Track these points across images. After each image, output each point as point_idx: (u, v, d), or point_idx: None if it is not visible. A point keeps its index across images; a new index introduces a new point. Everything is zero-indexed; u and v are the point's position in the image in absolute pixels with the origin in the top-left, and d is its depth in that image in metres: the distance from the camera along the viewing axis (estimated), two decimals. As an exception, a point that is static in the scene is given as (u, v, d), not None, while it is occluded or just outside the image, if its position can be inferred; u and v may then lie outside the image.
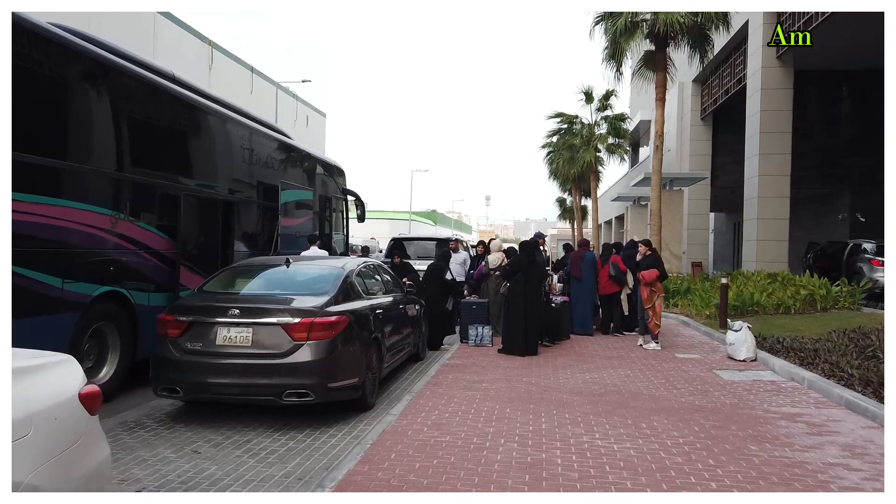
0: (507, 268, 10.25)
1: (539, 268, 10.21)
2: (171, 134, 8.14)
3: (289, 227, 11.23)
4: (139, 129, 7.50)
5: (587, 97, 31.71)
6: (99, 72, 6.86)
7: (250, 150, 10.16)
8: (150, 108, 7.72)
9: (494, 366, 8.84)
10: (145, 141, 7.58)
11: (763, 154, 20.14)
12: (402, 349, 8.55)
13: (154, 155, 7.73)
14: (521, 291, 9.78)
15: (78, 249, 6.43)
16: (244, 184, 9.97)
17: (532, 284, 9.88)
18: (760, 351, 9.49)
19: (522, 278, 9.84)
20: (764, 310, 13.93)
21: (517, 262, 10.04)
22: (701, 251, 28.85)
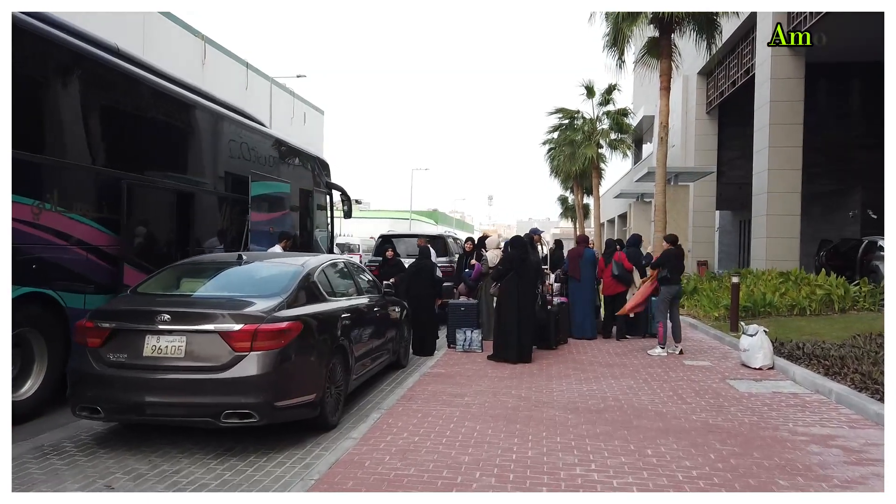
0: (499, 267, 9.30)
1: (533, 266, 9.26)
2: (107, 114, 7.16)
3: (261, 222, 10.30)
4: (67, 105, 6.56)
5: (588, 91, 30.74)
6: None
7: (214, 137, 9.23)
8: (84, 83, 6.77)
9: (481, 375, 7.91)
10: (74, 121, 6.64)
11: (773, 147, 19.17)
12: (377, 357, 7.62)
13: (85, 136, 6.78)
14: (514, 293, 8.85)
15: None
16: (207, 173, 9.04)
17: (525, 285, 8.93)
18: (778, 358, 8.55)
19: (515, 278, 8.90)
20: (777, 311, 12.98)
21: (509, 261, 9.09)
22: (706, 250, 27.87)
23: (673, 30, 16.35)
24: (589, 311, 11.06)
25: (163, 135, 8.11)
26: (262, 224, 10.38)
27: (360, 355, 6.85)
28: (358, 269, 7.94)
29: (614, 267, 10.99)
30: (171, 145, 8.26)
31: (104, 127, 7.08)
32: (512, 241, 9.70)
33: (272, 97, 44.15)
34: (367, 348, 7.15)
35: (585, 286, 11.02)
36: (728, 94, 24.87)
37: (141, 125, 7.71)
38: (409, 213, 72.91)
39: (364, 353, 7.02)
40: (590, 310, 11.07)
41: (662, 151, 16.48)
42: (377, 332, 7.66)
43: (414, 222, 72.94)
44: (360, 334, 6.91)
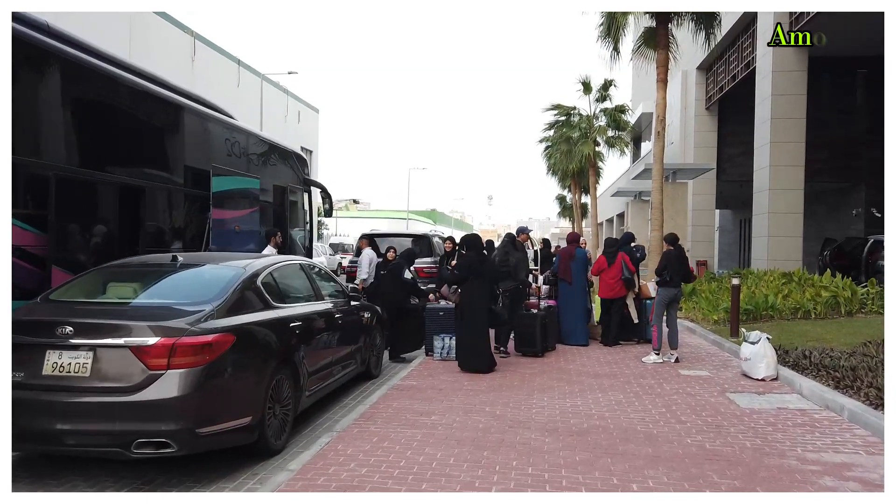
0: (457, 272, 8.59)
1: (490, 269, 8.65)
2: (29, 98, 6.37)
3: (224, 219, 9.56)
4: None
5: (585, 87, 30.05)
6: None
7: (167, 127, 8.48)
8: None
9: (456, 389, 7.16)
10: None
11: (774, 142, 18.42)
12: (341, 369, 6.89)
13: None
14: (474, 298, 8.21)
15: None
16: (158, 166, 8.28)
17: (481, 289, 8.28)
18: (783, 368, 7.81)
19: (474, 283, 8.24)
20: (780, 314, 12.23)
21: (467, 265, 8.38)
22: (706, 249, 27.11)
23: (670, 19, 15.62)
24: (580, 315, 10.31)
25: (102, 123, 7.33)
26: (227, 222, 9.64)
27: (317, 369, 6.12)
28: (319, 272, 7.19)
29: (624, 270, 10.14)
30: (112, 134, 7.49)
31: (26, 113, 6.30)
32: (467, 242, 8.94)
33: (266, 95, 43.42)
34: (326, 360, 6.42)
35: (576, 289, 10.27)
36: (728, 88, 24.13)
37: (73, 112, 6.93)
38: (406, 213, 72.08)
39: (322, 366, 6.29)
40: (581, 314, 10.32)
41: (659, 147, 15.74)
42: (340, 341, 6.93)
43: (411, 222, 72.21)
44: (316, 345, 6.18)
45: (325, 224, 61.17)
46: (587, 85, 29.94)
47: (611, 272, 10.19)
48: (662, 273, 9.03)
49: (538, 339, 9.09)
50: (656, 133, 15.87)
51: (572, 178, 36.49)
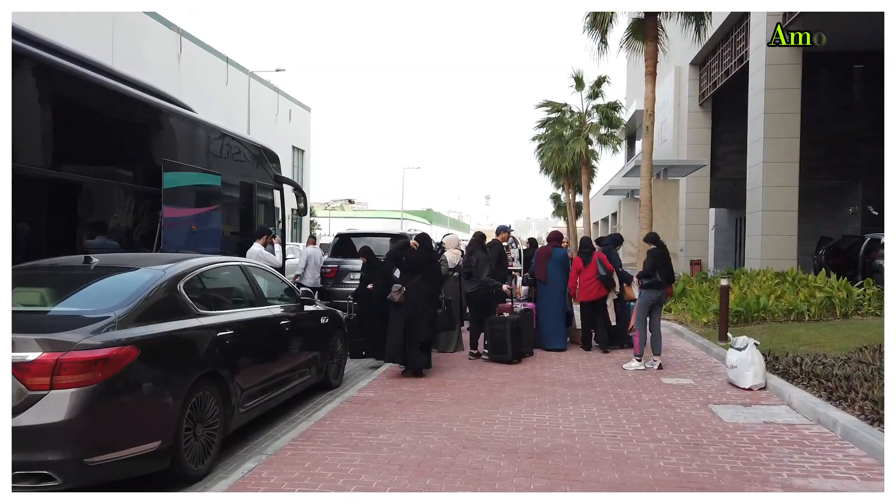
0: (405, 269, 8.18)
1: (434, 268, 8.28)
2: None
3: (179, 218, 8.96)
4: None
5: (577, 83, 29.40)
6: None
7: (106, 117, 7.86)
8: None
9: (416, 401, 6.58)
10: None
11: (768, 138, 17.85)
12: (290, 381, 6.31)
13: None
14: (420, 297, 7.88)
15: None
16: (98, 160, 7.64)
17: (427, 288, 7.95)
18: (772, 376, 7.24)
19: (422, 281, 7.91)
20: (772, 316, 11.67)
21: (417, 262, 8.05)
22: (700, 248, 26.57)
23: (658, 10, 15.04)
24: (558, 318, 9.72)
25: (30, 112, 6.72)
26: (182, 221, 9.04)
27: (256, 382, 5.54)
28: (264, 274, 6.60)
29: (599, 268, 9.56)
30: (42, 126, 6.88)
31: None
32: (418, 240, 8.50)
33: (256, 94, 42.79)
34: (269, 372, 5.84)
35: (553, 290, 9.68)
36: (722, 84, 23.54)
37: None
38: (400, 213, 71.48)
39: (264, 379, 5.72)
40: (559, 317, 9.74)
41: (648, 141, 15.16)
42: (288, 350, 6.36)
43: (408, 222, 71.62)
44: (254, 355, 5.60)
45: (318, 224, 60.66)
46: (579, 80, 29.30)
47: (587, 273, 9.61)
48: (652, 274, 8.42)
49: (509, 346, 8.52)
50: (645, 128, 15.29)
51: (565, 176, 35.86)
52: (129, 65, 28.66)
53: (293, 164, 51.25)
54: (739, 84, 21.15)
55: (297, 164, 52.18)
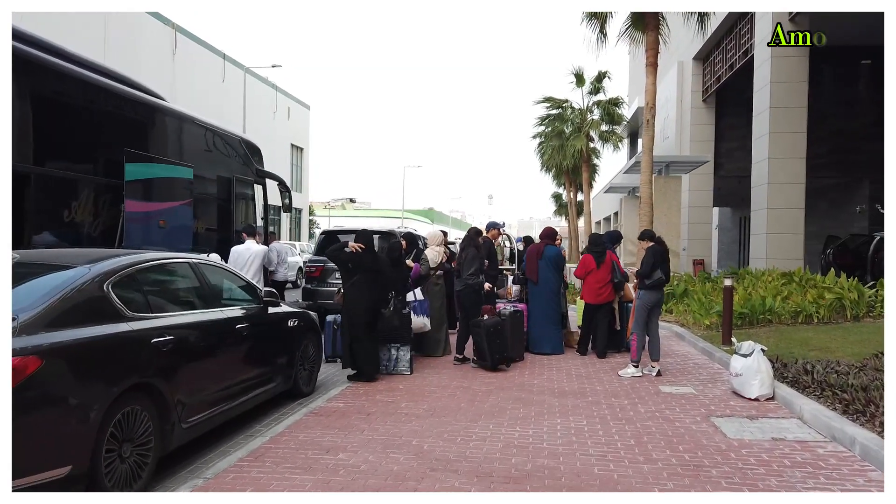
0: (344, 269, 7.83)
1: (384, 269, 7.83)
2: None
3: (143, 213, 8.37)
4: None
5: (578, 79, 28.85)
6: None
7: (58, 103, 7.28)
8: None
9: (388, 412, 5.98)
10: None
11: (774, 133, 17.22)
12: (249, 390, 5.72)
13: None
14: (358, 298, 7.52)
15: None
16: (47, 149, 7.07)
17: (367, 289, 7.52)
18: (780, 385, 6.63)
19: (362, 283, 7.52)
20: (779, 318, 11.05)
21: (358, 262, 7.62)
22: (703, 248, 25.92)
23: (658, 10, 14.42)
24: (549, 320, 9.11)
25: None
26: (147, 216, 8.45)
27: (204, 394, 4.96)
28: (219, 272, 6.01)
29: (615, 271, 8.93)
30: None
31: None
32: (358, 237, 7.97)
33: (254, 91, 42.19)
34: (221, 382, 5.26)
35: (544, 290, 9.07)
36: (726, 78, 22.92)
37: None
38: (401, 212, 70.83)
39: (215, 390, 5.14)
40: (551, 320, 9.13)
41: (649, 136, 14.54)
42: (247, 357, 5.77)
43: (409, 221, 70.95)
44: (201, 364, 5.01)
45: (317, 223, 60.03)
46: (580, 77, 28.74)
47: (599, 275, 8.95)
48: (653, 273, 7.79)
49: (486, 352, 7.91)
50: (646, 121, 14.68)
51: (566, 174, 35.32)
52: (121, 61, 28.18)
53: (292, 163, 50.70)
54: (744, 79, 20.53)
55: (295, 163, 51.63)
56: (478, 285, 8.70)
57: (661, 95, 31.13)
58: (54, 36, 7.35)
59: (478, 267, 8.73)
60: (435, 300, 9.05)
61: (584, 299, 9.23)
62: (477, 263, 8.73)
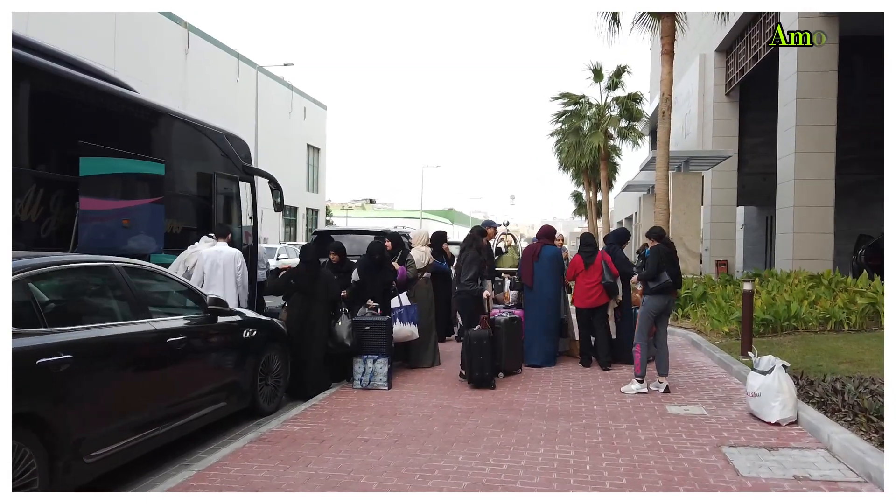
0: (280, 281, 7.29)
1: (325, 281, 7.23)
2: None
3: (102, 211, 7.68)
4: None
5: (595, 74, 27.89)
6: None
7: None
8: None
9: (347, 438, 5.21)
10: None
11: (801, 126, 16.16)
12: (178, 416, 4.95)
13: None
14: (304, 314, 7.03)
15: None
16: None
17: (312, 304, 7.02)
18: (805, 406, 5.74)
19: (301, 298, 7.09)
20: (805, 326, 10.09)
21: (297, 275, 7.20)
22: (727, 248, 24.78)
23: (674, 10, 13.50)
24: (545, 329, 8.28)
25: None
26: (106, 215, 7.76)
27: (117, 422, 4.23)
28: (152, 277, 5.27)
29: (605, 271, 8.11)
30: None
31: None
32: (303, 253, 7.41)
33: (269, 90, 41.83)
34: (144, 406, 4.53)
35: (540, 296, 8.24)
36: (750, 70, 21.80)
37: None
38: (419, 213, 70.16)
39: (134, 416, 4.40)
40: (544, 328, 8.28)
41: (665, 129, 13.62)
42: (183, 375, 5.04)
43: (428, 222, 70.25)
44: (114, 385, 4.28)
45: (334, 224, 59.50)
46: (598, 72, 27.77)
47: (588, 276, 8.16)
48: (658, 275, 6.92)
49: (467, 366, 7.11)
50: (661, 113, 13.75)
51: (584, 173, 34.39)
52: (130, 61, 27.90)
53: (308, 163, 50.30)
54: (769, 71, 19.44)
55: (312, 163, 51.22)
56: (476, 292, 7.90)
57: (682, 90, 30.13)
58: (63, 36, 6.72)
59: (476, 271, 7.93)
60: (422, 305, 8.26)
61: (575, 304, 8.43)
62: (475, 268, 7.92)
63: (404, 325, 7.78)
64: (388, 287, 7.89)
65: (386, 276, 7.96)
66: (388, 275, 8.01)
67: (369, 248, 8.03)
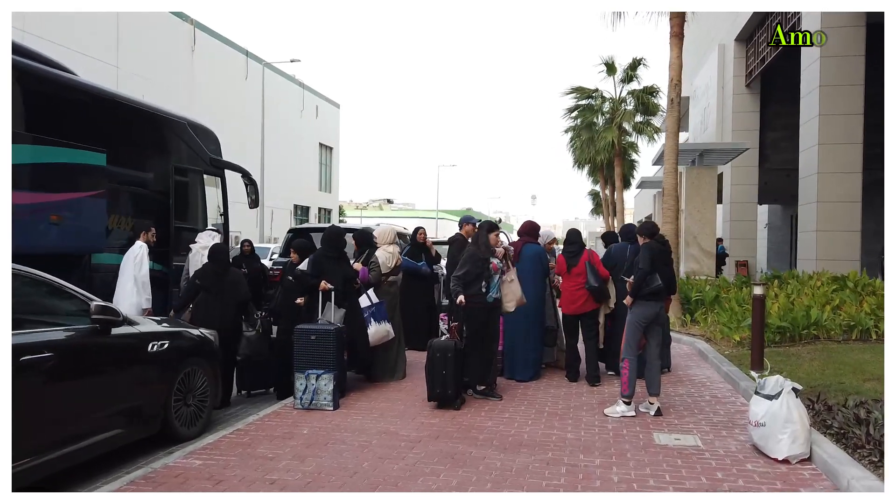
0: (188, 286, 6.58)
1: (233, 283, 6.50)
2: None
3: (23, 206, 6.82)
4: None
5: (608, 68, 26.70)
6: None
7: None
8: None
9: (251, 479, 4.27)
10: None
11: (825, 115, 14.94)
12: (45, 450, 4.06)
13: None
14: (210, 321, 6.20)
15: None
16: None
17: (223, 308, 6.37)
18: (821, 439, 4.69)
19: (208, 301, 6.36)
20: (827, 334, 8.98)
21: (202, 275, 6.50)
22: (747, 248, 23.47)
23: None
24: (525, 338, 7.27)
25: None
26: (29, 209, 6.91)
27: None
28: (21, 282, 4.37)
29: (589, 274, 7.09)
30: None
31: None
32: (212, 250, 6.65)
33: (280, 89, 41.20)
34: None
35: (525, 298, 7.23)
36: (772, 59, 20.53)
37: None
38: (436, 212, 69.23)
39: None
40: (527, 337, 7.28)
41: (673, 117, 12.50)
42: (52, 399, 4.14)
43: (444, 222, 69.25)
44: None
45: (347, 223, 58.81)
46: (610, 66, 26.58)
47: (572, 278, 7.16)
48: (647, 278, 5.88)
49: (429, 382, 6.13)
50: (670, 100, 12.65)
51: (600, 170, 33.22)
52: (134, 58, 27.33)
53: (321, 162, 49.64)
54: (792, 60, 18.20)
55: (324, 162, 50.56)
56: (491, 302, 6.74)
57: (699, 83, 28.84)
58: (66, 34, 5.95)
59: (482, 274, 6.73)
60: (388, 310, 7.31)
61: (562, 309, 7.44)
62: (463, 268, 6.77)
63: (380, 325, 6.98)
64: (348, 283, 6.89)
65: (347, 270, 6.96)
66: (349, 269, 7.02)
67: (325, 236, 7.08)
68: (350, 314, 6.73)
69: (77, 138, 7.63)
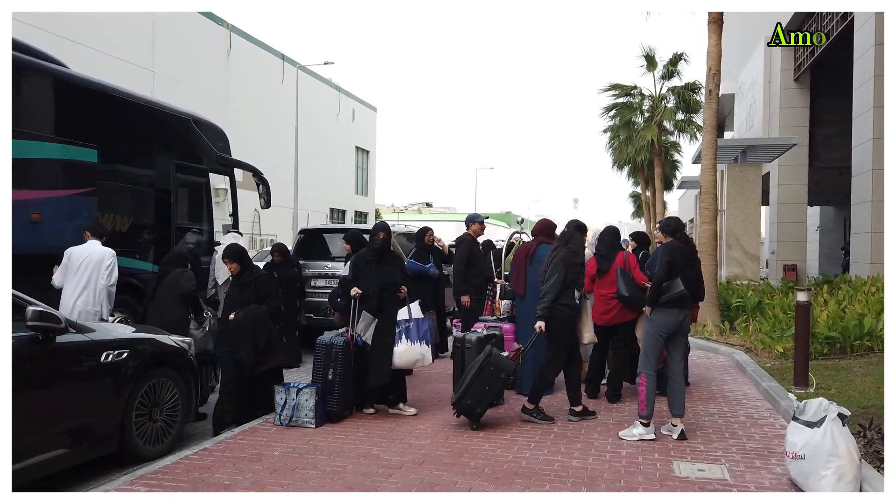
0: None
1: (173, 276, 6.06)
2: None
3: (13, 203, 6.43)
4: None
5: (648, 62, 25.64)
6: None
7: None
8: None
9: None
10: None
11: (879, 108, 13.79)
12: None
13: None
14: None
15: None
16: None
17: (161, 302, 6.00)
18: (874, 477, 3.91)
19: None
20: (882, 346, 8.02)
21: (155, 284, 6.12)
22: (796, 251, 22.20)
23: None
24: (538, 349, 6.58)
25: None
26: (15, 206, 6.51)
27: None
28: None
29: (620, 280, 6.28)
30: None
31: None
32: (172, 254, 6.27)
33: (316, 92, 41.11)
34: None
35: (532, 307, 6.51)
36: (822, 51, 19.35)
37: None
38: (474, 215, 68.42)
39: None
40: (540, 347, 6.58)
41: (711, 110, 11.63)
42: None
43: (483, 225, 68.50)
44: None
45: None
46: (651, 59, 25.52)
47: (604, 286, 6.42)
48: (667, 283, 5.14)
49: (460, 386, 5.46)
50: (707, 92, 11.77)
51: (640, 170, 32.12)
52: (170, 61, 27.42)
53: (357, 165, 49.47)
54: (844, 50, 17.05)
55: (361, 165, 50.38)
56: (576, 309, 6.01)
57: (746, 78, 27.60)
58: (100, 36, 5.63)
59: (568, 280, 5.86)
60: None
61: (594, 319, 6.64)
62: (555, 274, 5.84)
63: (412, 345, 5.83)
64: (385, 291, 5.89)
65: (385, 275, 5.92)
66: (389, 274, 5.96)
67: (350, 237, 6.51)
68: (382, 326, 5.80)
69: (65, 133, 7.24)
